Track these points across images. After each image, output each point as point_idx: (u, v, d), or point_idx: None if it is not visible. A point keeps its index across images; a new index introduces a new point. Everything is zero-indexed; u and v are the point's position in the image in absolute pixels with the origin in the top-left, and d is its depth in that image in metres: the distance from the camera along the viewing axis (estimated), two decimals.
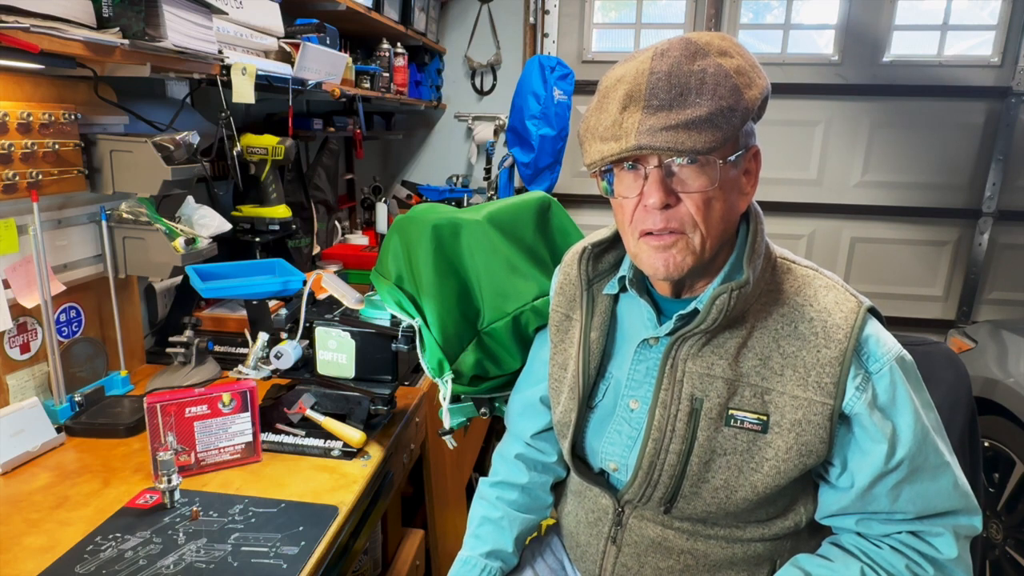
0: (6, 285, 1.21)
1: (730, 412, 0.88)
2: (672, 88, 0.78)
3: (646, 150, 0.78)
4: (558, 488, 1.17)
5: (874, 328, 0.88)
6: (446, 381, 1.16)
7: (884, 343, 0.87)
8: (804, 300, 0.88)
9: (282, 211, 1.90)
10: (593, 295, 1.01)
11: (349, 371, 1.28)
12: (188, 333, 1.50)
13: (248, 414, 1.19)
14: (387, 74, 2.59)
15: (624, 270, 0.98)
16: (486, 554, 1.09)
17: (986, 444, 2.14)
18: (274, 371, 1.30)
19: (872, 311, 0.89)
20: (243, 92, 1.41)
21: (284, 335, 1.31)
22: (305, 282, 1.33)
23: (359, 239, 2.81)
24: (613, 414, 0.98)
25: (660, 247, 0.85)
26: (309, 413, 1.27)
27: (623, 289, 0.98)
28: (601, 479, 1.02)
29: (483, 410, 1.27)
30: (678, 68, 0.79)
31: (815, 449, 0.86)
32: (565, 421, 1.01)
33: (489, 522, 1.12)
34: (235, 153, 1.68)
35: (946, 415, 1.10)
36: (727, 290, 0.84)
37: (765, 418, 0.87)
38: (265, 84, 1.57)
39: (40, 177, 1.21)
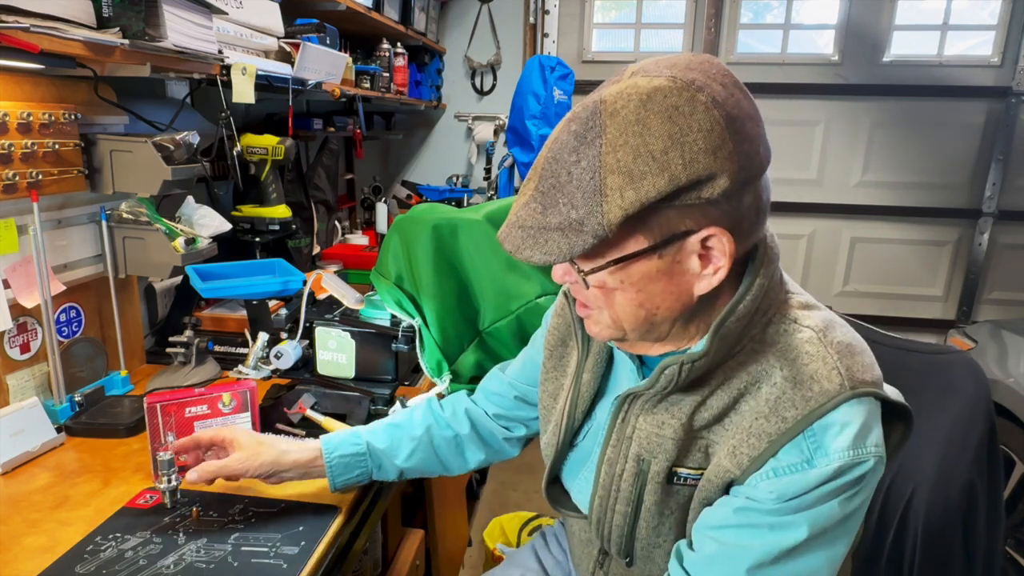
0: (6, 285, 1.21)
1: (674, 470, 0.81)
2: (549, 177, 0.69)
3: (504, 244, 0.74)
4: None
5: (846, 417, 0.71)
6: (444, 381, 1.16)
7: (842, 440, 0.70)
8: (780, 363, 0.75)
9: (282, 211, 1.90)
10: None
11: (349, 371, 1.29)
12: (188, 333, 1.49)
13: (248, 414, 1.18)
14: (387, 74, 2.59)
15: None
16: (370, 446, 1.05)
17: None
18: (274, 371, 1.31)
19: (874, 397, 0.73)
20: (243, 92, 1.41)
21: (284, 335, 1.32)
22: (305, 282, 1.34)
23: (359, 239, 2.81)
24: (590, 457, 0.94)
25: (582, 313, 0.81)
26: (309, 413, 1.28)
27: None
28: (583, 516, 0.98)
29: None
30: (558, 154, 0.69)
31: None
32: (547, 453, 0.98)
33: (397, 429, 1.07)
34: (235, 153, 1.68)
35: (964, 426, 1.10)
36: (677, 362, 0.74)
37: (704, 472, 0.80)
38: (265, 84, 1.57)
39: (40, 177, 1.21)
